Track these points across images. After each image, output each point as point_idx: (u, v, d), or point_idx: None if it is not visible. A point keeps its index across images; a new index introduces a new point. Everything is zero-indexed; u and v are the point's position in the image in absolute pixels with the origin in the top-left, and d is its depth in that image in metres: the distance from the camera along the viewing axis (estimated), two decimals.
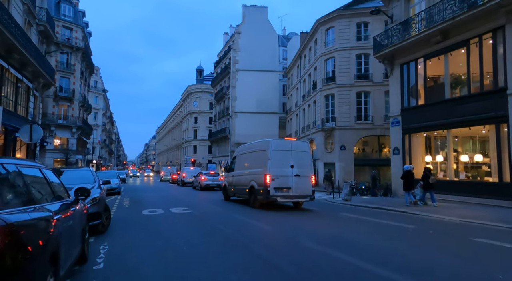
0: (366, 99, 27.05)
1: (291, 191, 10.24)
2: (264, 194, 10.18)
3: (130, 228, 7.26)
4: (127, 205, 12.55)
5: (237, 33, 45.98)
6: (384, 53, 16.39)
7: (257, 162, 10.91)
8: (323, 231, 6.91)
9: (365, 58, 27.11)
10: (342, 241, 5.86)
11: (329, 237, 6.25)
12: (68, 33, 36.49)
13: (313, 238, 5.93)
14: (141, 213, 9.91)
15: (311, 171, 10.71)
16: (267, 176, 10.11)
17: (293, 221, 8.44)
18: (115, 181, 18.71)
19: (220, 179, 22.69)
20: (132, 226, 7.53)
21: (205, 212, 10.05)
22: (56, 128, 34.45)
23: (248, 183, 11.34)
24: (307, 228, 7.24)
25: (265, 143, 10.68)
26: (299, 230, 6.91)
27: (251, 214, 9.56)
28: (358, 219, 9.01)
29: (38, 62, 18.84)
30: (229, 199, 14.14)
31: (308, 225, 7.81)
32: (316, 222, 8.32)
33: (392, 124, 16.49)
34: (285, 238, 5.98)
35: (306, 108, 34.31)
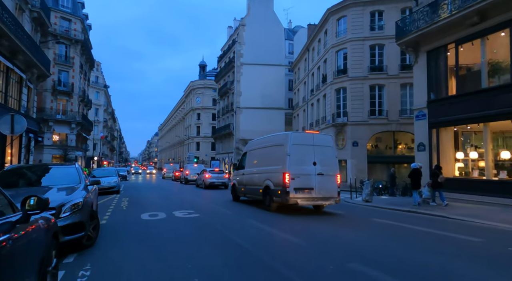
0: (380, 93, 25.49)
1: (313, 192, 8.81)
2: (282, 195, 8.76)
3: (124, 240, 5.85)
4: (125, 206, 11.16)
5: (242, 26, 44.39)
6: (408, 40, 14.86)
7: (273, 159, 9.48)
8: (372, 247, 5.32)
9: (380, 49, 25.54)
10: (412, 266, 4.30)
11: (389, 258, 4.63)
12: (67, 24, 35.09)
13: (371, 263, 4.26)
14: (140, 217, 8.52)
15: (336, 169, 9.26)
16: (286, 175, 8.68)
17: (324, 230, 6.99)
18: (113, 179, 17.40)
19: (225, 177, 21.34)
20: (127, 237, 6.13)
21: (214, 217, 8.64)
22: (54, 123, 33.18)
23: (262, 183, 9.93)
24: (348, 243, 5.72)
25: (283, 137, 9.23)
26: (340, 246, 5.43)
27: (269, 220, 8.13)
28: (397, 227, 7.58)
29: (30, 50, 17.45)
30: (238, 200, 12.73)
31: (345, 237, 6.35)
32: (352, 232, 6.85)
33: (417, 118, 14.97)
34: (332, 262, 4.32)
35: (314, 103, 32.78)
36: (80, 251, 4.89)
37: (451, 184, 13.11)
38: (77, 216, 4.68)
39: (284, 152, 8.94)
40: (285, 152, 8.89)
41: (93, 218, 5.30)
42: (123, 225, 7.36)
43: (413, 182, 11.75)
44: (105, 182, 17.03)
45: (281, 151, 9.14)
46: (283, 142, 9.08)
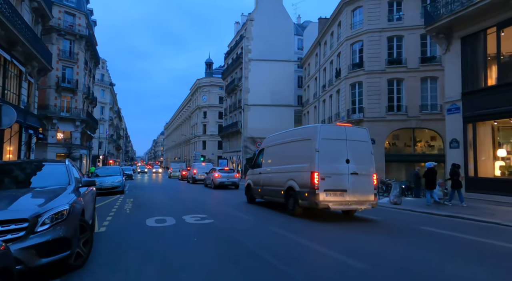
0: (398, 87, 24.02)
1: (346, 194, 7.53)
2: (311, 198, 7.48)
3: (124, 256, 4.64)
4: (129, 209, 9.99)
5: (250, 21, 43.09)
6: (440, 25, 13.44)
7: (298, 156, 8.21)
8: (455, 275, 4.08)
9: (398, 40, 24.06)
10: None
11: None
12: (71, 19, 34.18)
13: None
14: (145, 223, 7.32)
15: (372, 168, 7.95)
16: (315, 174, 7.41)
17: (373, 244, 5.66)
18: (117, 179, 16.29)
19: (236, 176, 20.12)
20: (129, 252, 4.91)
21: (231, 224, 7.40)
22: (58, 121, 32.32)
23: (284, 183, 8.66)
24: (424, 269, 4.38)
25: (311, 130, 7.95)
26: (414, 273, 4.13)
27: (298, 229, 6.87)
28: (463, 241, 6.27)
29: (30, 42, 16.40)
30: (254, 202, 11.48)
31: (410, 257, 5.02)
32: (413, 248, 5.52)
33: (449, 111, 13.56)
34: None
35: (327, 99, 31.39)
36: (65, 275, 3.69)
37: (491, 185, 11.73)
38: (60, 230, 3.48)
39: (312, 147, 7.67)
40: (314, 148, 7.61)
41: (84, 229, 4.09)
42: (124, 235, 6.16)
43: (428, 181, 11.58)
44: (109, 181, 15.98)
45: (308, 146, 7.86)
46: (311, 136, 7.81)
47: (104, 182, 15.85)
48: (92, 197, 5.77)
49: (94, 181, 4.83)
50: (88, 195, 5.26)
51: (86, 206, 4.65)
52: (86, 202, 4.80)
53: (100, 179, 16.13)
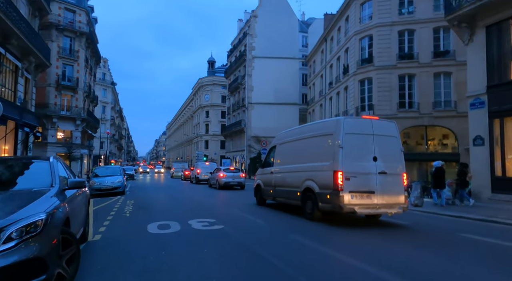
0: (410, 83, 23.07)
1: (374, 197, 6.64)
2: (334, 201, 6.59)
3: (119, 277, 3.76)
4: (129, 212, 9.14)
5: (253, 17, 42.22)
6: (462, 14, 12.52)
7: (318, 153, 7.33)
8: None
9: (410, 34, 23.10)
10: None
11: None
12: (71, 16, 33.42)
13: None
14: (147, 229, 6.46)
15: (401, 166, 7.06)
16: (339, 173, 6.53)
17: (411, 256, 4.80)
18: (117, 179, 15.47)
19: (241, 176, 19.25)
20: (125, 269, 4.03)
21: (244, 230, 6.53)
22: (58, 120, 31.56)
23: (301, 184, 7.78)
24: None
25: (333, 124, 7.05)
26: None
27: (321, 236, 5.99)
28: (503, 249, 5.38)
29: (26, 35, 15.61)
30: (264, 204, 10.60)
31: (454, 272, 4.17)
32: (455, 261, 4.66)
33: (473, 106, 12.63)
34: None
35: (334, 96, 30.47)
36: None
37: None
38: (32, 247, 2.62)
39: (335, 143, 6.78)
40: (336, 144, 6.73)
41: (69, 243, 3.22)
42: (122, 245, 5.30)
43: (436, 181, 11.39)
44: (108, 182, 15.17)
45: (329, 142, 6.98)
46: (332, 131, 6.92)
47: (103, 182, 15.05)
48: (83, 201, 4.91)
49: (83, 182, 3.96)
50: (78, 199, 4.40)
51: (73, 213, 3.79)
52: (74, 208, 3.94)
53: (100, 179, 15.34)
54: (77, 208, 4.26)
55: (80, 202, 4.60)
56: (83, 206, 4.88)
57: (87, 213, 5.52)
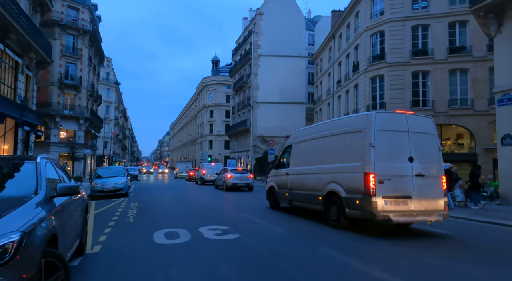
0: (424, 81, 22.18)
1: (411, 202, 5.83)
2: (365, 207, 5.80)
3: None
4: (132, 217, 8.40)
5: (259, 15, 41.46)
6: (488, 3, 11.67)
7: (344, 152, 6.54)
8: None
9: (424, 30, 22.19)
10: None
11: None
12: (74, 14, 32.90)
13: None
14: (152, 239, 5.71)
15: (440, 168, 6.25)
16: (371, 176, 5.73)
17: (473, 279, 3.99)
18: (121, 180, 14.78)
19: (250, 177, 18.48)
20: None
21: (263, 240, 5.75)
22: (61, 119, 31.00)
23: (323, 187, 6.99)
24: None
25: (362, 120, 6.25)
26: None
27: (354, 249, 5.19)
28: None
29: (26, 30, 14.98)
30: (278, 208, 9.82)
31: None
32: None
33: (501, 103, 11.75)
34: None
35: (342, 94, 29.62)
36: None
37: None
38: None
39: (365, 142, 5.98)
40: (367, 142, 5.93)
41: (55, 269, 2.45)
42: (125, 259, 4.55)
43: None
44: (111, 183, 14.48)
45: (358, 140, 6.18)
46: (362, 127, 6.12)
47: (106, 183, 14.36)
48: (79, 209, 4.16)
49: (75, 188, 3.20)
50: (71, 207, 3.65)
51: (64, 227, 3.03)
52: (65, 220, 3.19)
53: (102, 180, 14.65)
54: (70, 219, 3.50)
55: (75, 211, 3.85)
56: (78, 215, 4.13)
57: (85, 222, 4.77)
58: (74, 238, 3.79)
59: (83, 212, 4.57)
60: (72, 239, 3.59)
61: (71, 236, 3.52)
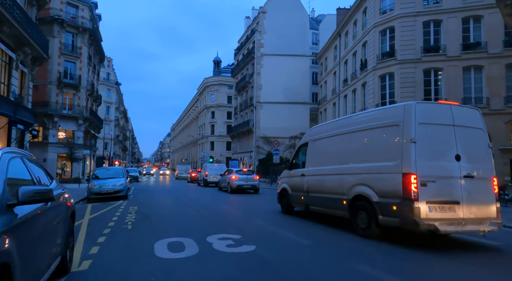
0: (436, 78, 21.32)
1: (459, 208, 4.92)
2: (404, 214, 4.89)
3: None
4: (131, 224, 7.50)
5: (262, 13, 40.67)
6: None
7: (376, 150, 5.64)
8: None
9: (436, 25, 21.34)
10: None
11: None
12: (74, 11, 32.11)
13: None
14: (153, 252, 4.82)
15: (491, 168, 5.35)
16: (412, 177, 4.84)
17: None
18: (119, 182, 13.91)
19: (255, 178, 17.57)
20: None
21: (285, 254, 4.85)
22: (60, 119, 30.14)
23: (348, 190, 6.10)
24: None
25: (400, 111, 5.33)
26: None
27: (396, 266, 4.31)
28: None
29: (20, 23, 14.15)
30: (292, 212, 8.90)
31: None
32: None
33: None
34: None
35: (349, 94, 28.76)
36: None
37: None
38: None
39: (403, 137, 5.09)
40: (406, 138, 5.04)
41: None
42: (119, 279, 3.65)
43: None
44: (110, 185, 13.61)
45: (394, 136, 5.29)
46: (399, 120, 5.23)
47: (104, 185, 13.48)
48: (58, 220, 3.24)
49: (48, 193, 2.31)
50: (45, 219, 2.76)
51: (29, 249, 2.14)
52: (32, 237, 2.30)
53: (100, 181, 13.77)
54: (43, 234, 2.62)
55: (52, 222, 2.96)
56: (59, 227, 3.23)
57: (70, 233, 3.88)
58: (51, 258, 2.90)
59: (68, 221, 3.68)
60: (47, 260, 2.70)
61: (45, 257, 2.63)
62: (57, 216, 3.14)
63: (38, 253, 2.42)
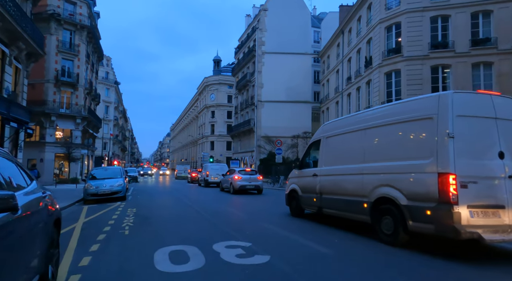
0: (444, 75, 20.70)
1: (505, 214, 4.29)
2: (441, 220, 4.27)
3: None
4: (128, 228, 6.86)
5: (263, 11, 40.05)
6: None
7: (403, 147, 5.01)
8: None
9: (444, 21, 20.73)
10: None
11: None
12: (72, 8, 31.45)
13: None
14: (153, 263, 4.21)
15: None
16: (450, 178, 4.21)
17: None
18: (117, 182, 13.28)
19: (259, 178, 16.94)
20: None
21: (304, 266, 4.22)
22: (57, 118, 29.49)
23: (370, 192, 5.47)
24: None
25: (433, 102, 4.64)
26: None
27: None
28: None
29: (13, 16, 13.52)
30: (302, 215, 8.27)
31: None
32: None
33: None
34: None
35: (353, 92, 28.15)
36: None
37: None
38: None
39: (438, 132, 4.46)
40: (441, 132, 4.42)
41: None
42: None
43: None
44: (107, 185, 12.97)
45: (426, 130, 4.66)
46: (433, 112, 4.59)
47: (101, 186, 12.84)
48: (35, 231, 2.60)
49: (6, 200, 1.68)
50: (13, 232, 2.12)
51: None
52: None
53: (97, 182, 13.13)
54: (7, 253, 1.97)
55: (23, 236, 2.32)
56: (35, 240, 2.59)
57: (53, 245, 3.23)
58: (23, 280, 2.26)
59: (49, 232, 3.04)
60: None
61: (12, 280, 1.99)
62: (32, 227, 2.50)
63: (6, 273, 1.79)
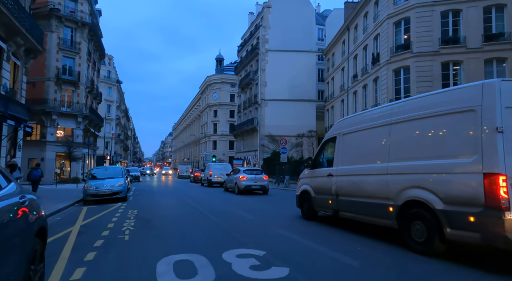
0: (455, 72, 20.05)
1: None
2: (488, 228, 3.70)
3: None
4: (128, 233, 6.32)
5: (267, 8, 39.44)
6: None
7: (439, 143, 4.43)
8: None
9: (454, 16, 20.08)
10: None
11: None
12: (73, 5, 31.00)
13: None
14: (155, 277, 3.65)
15: None
16: (499, 179, 3.65)
17: None
18: (118, 182, 12.76)
19: (265, 178, 16.38)
20: None
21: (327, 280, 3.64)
22: (58, 117, 29.05)
23: (397, 194, 4.90)
24: None
25: (474, 91, 4.02)
26: None
27: None
28: None
29: (10, 9, 13.01)
30: (315, 218, 7.69)
31: None
32: None
33: None
34: None
35: (359, 90, 27.51)
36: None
37: None
38: None
39: (483, 125, 3.90)
40: (487, 126, 3.85)
41: None
42: None
43: None
44: (107, 185, 12.45)
45: (468, 123, 4.09)
46: (476, 104, 4.01)
47: (101, 186, 12.33)
48: (10, 246, 2.07)
49: None
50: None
51: None
52: None
53: (97, 182, 12.62)
54: None
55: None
56: (9, 256, 2.04)
57: (35, 259, 2.68)
58: None
59: (30, 244, 2.49)
60: None
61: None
62: (6, 241, 1.95)
63: None
